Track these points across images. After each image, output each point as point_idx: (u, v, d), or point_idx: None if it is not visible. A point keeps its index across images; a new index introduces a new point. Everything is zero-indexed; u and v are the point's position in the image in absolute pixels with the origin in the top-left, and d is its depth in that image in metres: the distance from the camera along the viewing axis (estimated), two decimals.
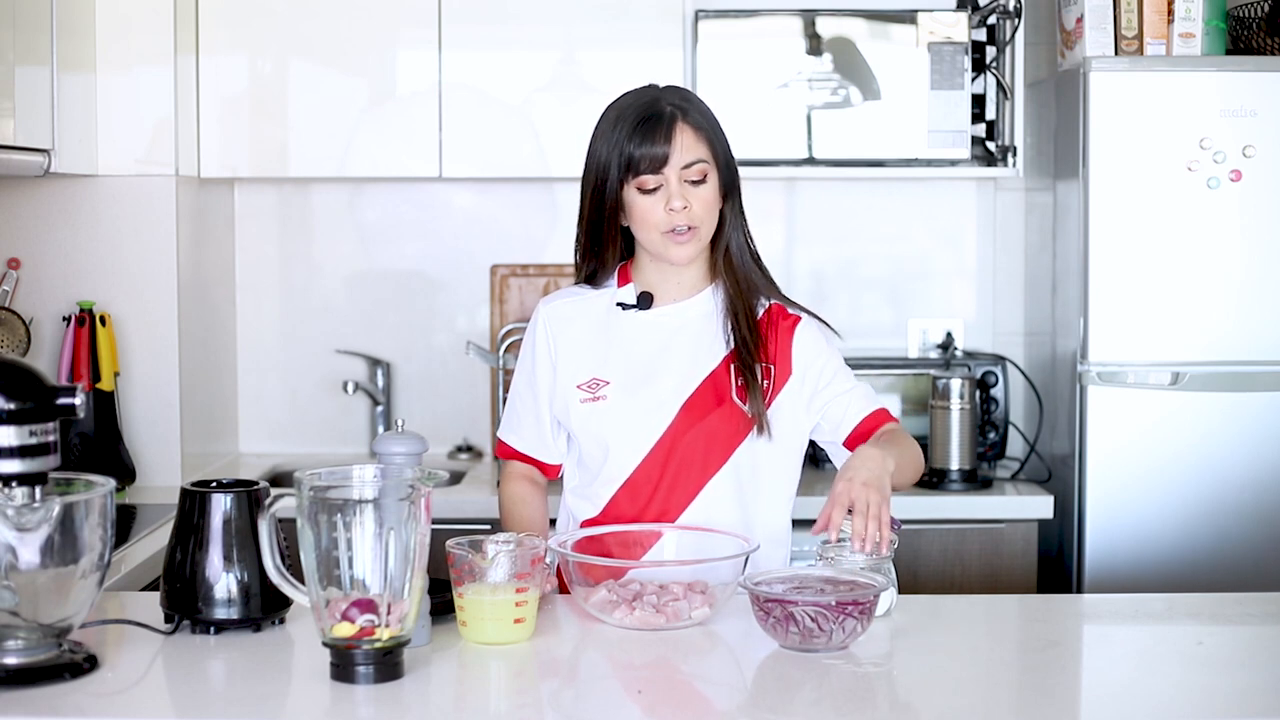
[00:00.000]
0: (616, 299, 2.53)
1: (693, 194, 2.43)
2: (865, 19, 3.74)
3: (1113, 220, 3.47)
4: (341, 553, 1.93)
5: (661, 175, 2.42)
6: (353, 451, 4.07)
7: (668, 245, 2.45)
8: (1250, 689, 2.01)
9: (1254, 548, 3.47)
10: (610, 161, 2.43)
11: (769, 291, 2.54)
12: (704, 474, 2.47)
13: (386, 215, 4.10)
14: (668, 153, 2.41)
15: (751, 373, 2.46)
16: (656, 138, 2.41)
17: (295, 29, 3.74)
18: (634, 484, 2.47)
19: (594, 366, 2.49)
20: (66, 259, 3.53)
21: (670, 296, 2.53)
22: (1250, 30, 3.63)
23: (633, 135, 2.42)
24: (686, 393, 2.47)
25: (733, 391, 2.47)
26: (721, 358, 2.49)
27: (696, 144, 2.44)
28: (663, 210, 2.42)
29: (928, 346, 4.05)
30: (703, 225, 2.45)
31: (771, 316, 2.53)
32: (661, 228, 2.43)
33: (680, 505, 2.47)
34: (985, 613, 2.44)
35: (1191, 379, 3.46)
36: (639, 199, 2.44)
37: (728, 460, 2.47)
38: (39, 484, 1.96)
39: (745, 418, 2.47)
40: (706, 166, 2.44)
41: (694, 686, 2.07)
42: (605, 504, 2.49)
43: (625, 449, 2.47)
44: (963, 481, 3.62)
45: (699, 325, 2.51)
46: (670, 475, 2.46)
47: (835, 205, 4.12)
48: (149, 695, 1.98)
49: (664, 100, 2.46)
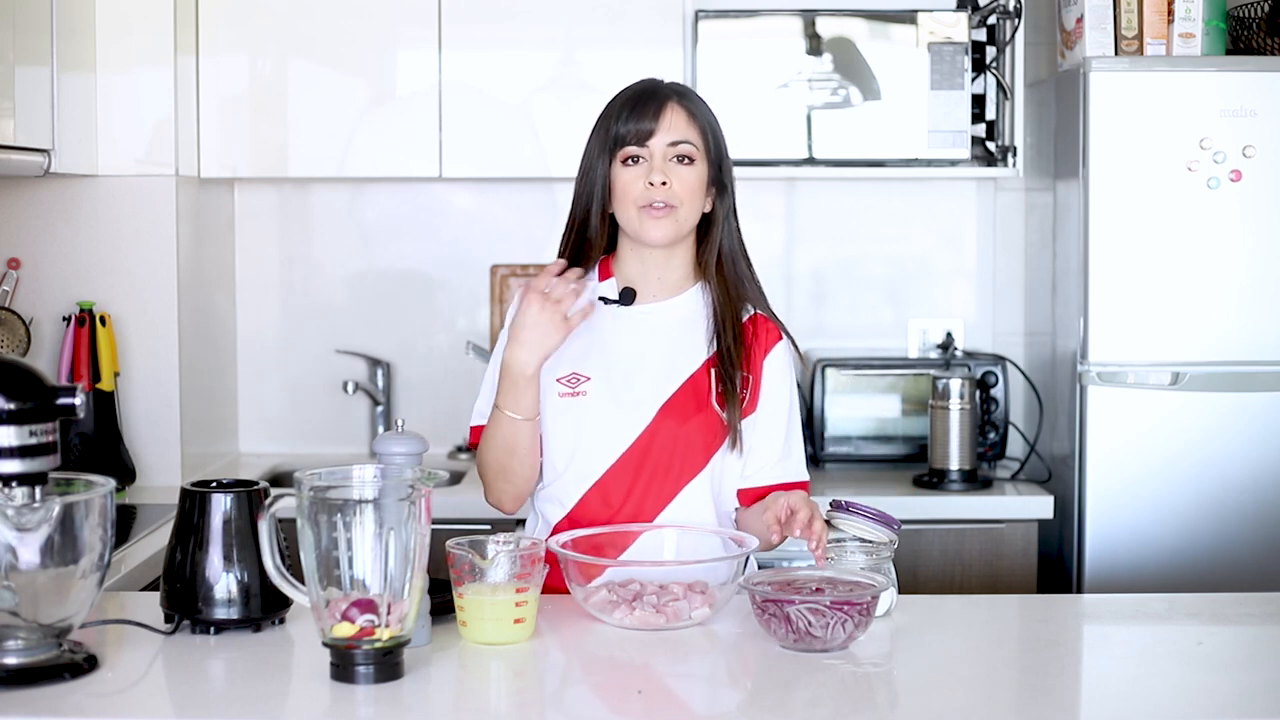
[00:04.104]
0: (599, 293, 2.50)
1: (675, 172, 2.41)
2: (865, 19, 3.74)
3: (1113, 220, 3.47)
4: (341, 553, 1.93)
5: (646, 148, 2.41)
6: (353, 451, 4.07)
7: (644, 221, 2.42)
8: (1250, 689, 2.01)
9: (1254, 548, 3.47)
10: (600, 141, 2.44)
11: (756, 302, 2.52)
12: (680, 479, 2.44)
13: (386, 215, 4.10)
14: (653, 128, 2.41)
15: (732, 382, 2.44)
16: (645, 114, 2.41)
17: (295, 29, 3.74)
18: (605, 485, 2.43)
19: (574, 361, 2.46)
20: (66, 259, 3.53)
21: (652, 293, 2.50)
22: (1250, 30, 3.63)
23: (622, 112, 2.43)
24: (666, 394, 2.45)
25: (713, 397, 2.45)
26: (702, 361, 2.47)
27: (688, 127, 2.43)
28: (643, 184, 2.41)
29: (928, 346, 4.05)
30: (682, 207, 2.42)
31: (755, 327, 2.51)
32: (640, 201, 2.41)
33: (654, 510, 2.44)
34: (985, 613, 2.44)
35: (1191, 379, 3.46)
36: (621, 173, 2.42)
37: (704, 468, 2.45)
38: (39, 484, 1.95)
39: (723, 425, 2.44)
40: (694, 150, 2.43)
41: (694, 686, 2.07)
42: (574, 504, 2.45)
43: (600, 446, 2.43)
44: (963, 481, 3.62)
45: (682, 326, 2.49)
46: (644, 478, 2.43)
47: (835, 205, 4.12)
48: (149, 695, 1.98)
49: (663, 85, 2.47)
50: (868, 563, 2.32)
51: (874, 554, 2.33)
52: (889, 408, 3.89)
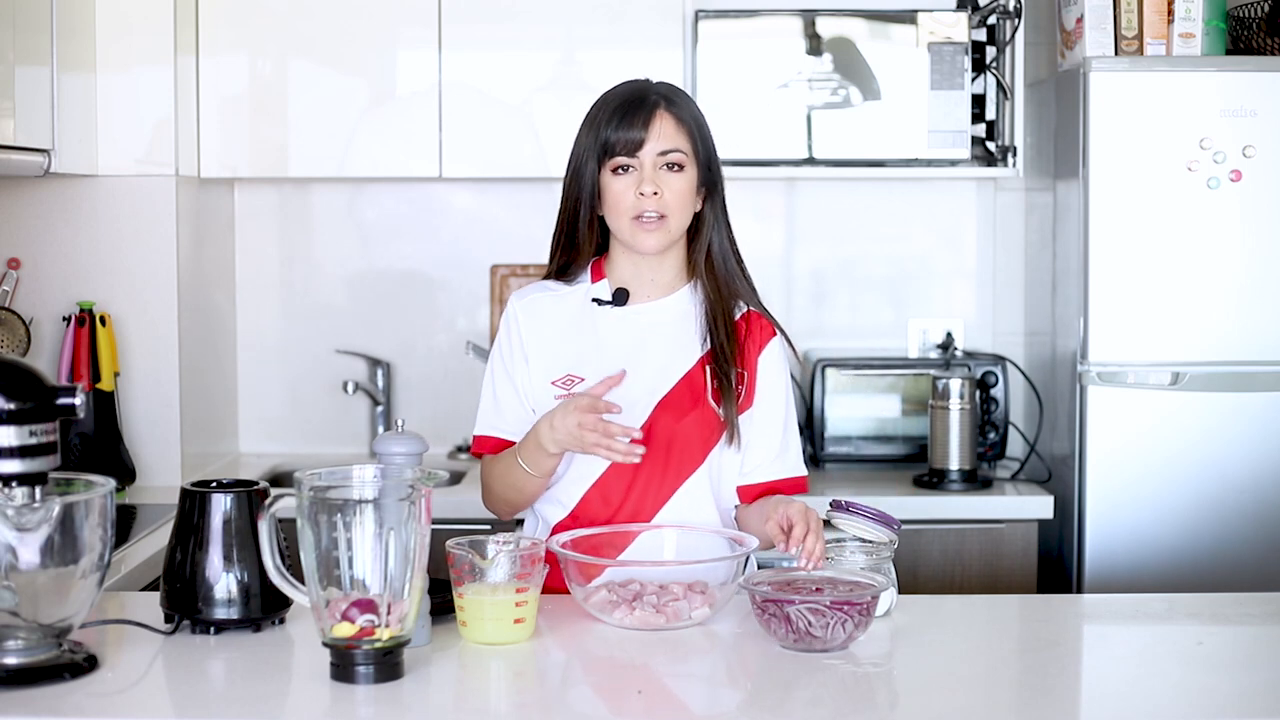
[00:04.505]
0: (591, 294, 2.51)
1: (666, 181, 2.41)
2: (865, 19, 3.74)
3: (1113, 220, 3.47)
4: (341, 553, 1.93)
5: (636, 158, 2.41)
6: (353, 451, 4.07)
7: (636, 232, 2.42)
8: (1250, 689, 2.01)
9: (1254, 548, 3.47)
10: (589, 145, 2.43)
11: (748, 299, 2.53)
12: (679, 476, 2.45)
13: (386, 215, 4.10)
14: (644, 137, 2.41)
15: (727, 378, 2.45)
16: (635, 122, 2.41)
17: (295, 29, 3.74)
18: (605, 484, 2.44)
19: (569, 363, 2.46)
20: (66, 259, 3.53)
21: (645, 294, 2.51)
22: (1250, 30, 3.63)
23: (612, 119, 2.42)
24: (662, 391, 2.45)
25: (708, 393, 2.46)
26: (697, 358, 2.48)
27: (677, 134, 2.43)
28: (633, 194, 2.41)
29: (928, 346, 4.05)
30: (673, 216, 2.43)
31: (749, 324, 2.52)
32: (631, 213, 2.41)
33: (654, 507, 2.44)
34: (985, 613, 2.44)
35: (1191, 379, 3.46)
36: (612, 182, 2.42)
37: (702, 463, 2.45)
38: (39, 484, 1.96)
39: (720, 421, 2.45)
40: (684, 157, 2.43)
41: (694, 686, 2.07)
42: (575, 505, 2.46)
43: None
44: (963, 481, 3.62)
45: (675, 324, 2.50)
46: (644, 476, 2.43)
47: (835, 205, 4.12)
48: (149, 695, 1.98)
49: (651, 90, 2.46)
50: (868, 563, 2.32)
51: (874, 554, 2.33)
52: (889, 408, 3.89)
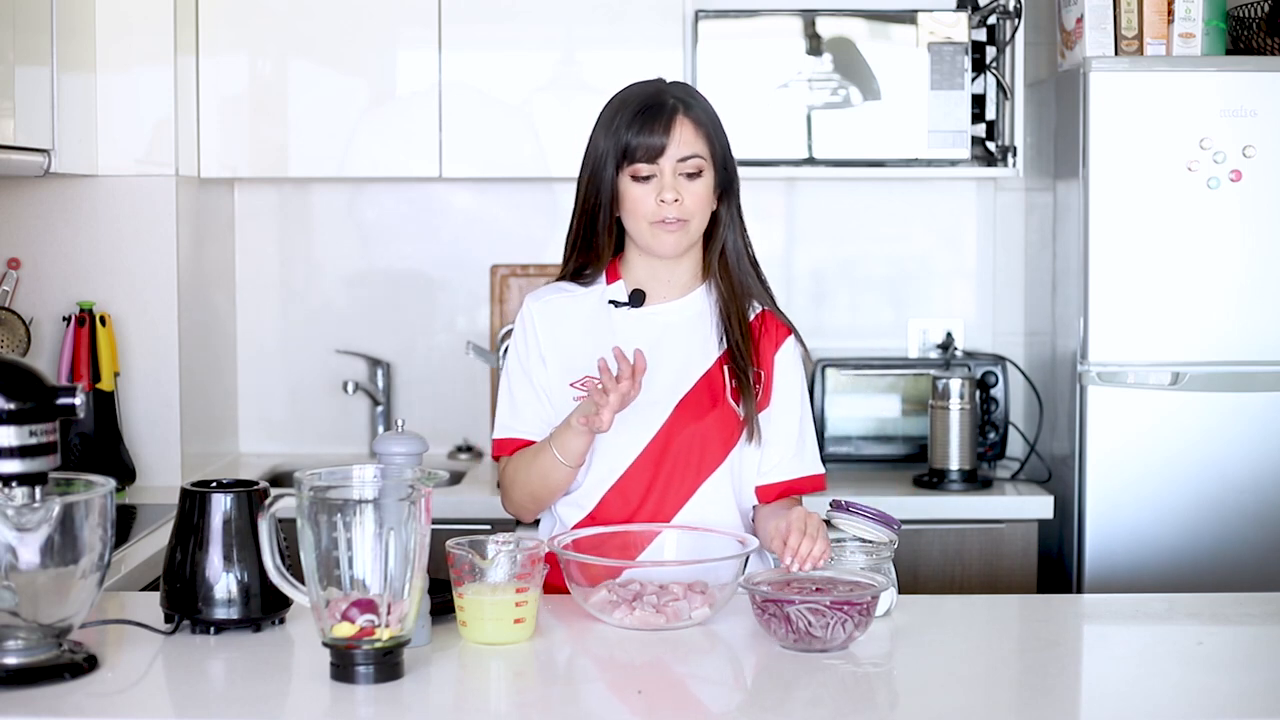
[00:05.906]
0: (608, 296, 2.52)
1: (686, 187, 2.42)
2: (865, 19, 3.74)
3: (1113, 220, 3.47)
4: (341, 553, 1.93)
5: (656, 165, 2.41)
6: (353, 451, 4.07)
7: (655, 235, 2.43)
8: (1250, 689, 2.01)
9: (1254, 548, 3.47)
10: (607, 149, 2.43)
11: (762, 299, 2.54)
12: (699, 476, 2.45)
13: (386, 215, 4.10)
14: (664, 143, 2.41)
15: (745, 375, 2.45)
16: (655, 128, 2.41)
17: (295, 29, 3.74)
18: (624, 485, 2.45)
19: (587, 365, 2.46)
20: (66, 259, 3.53)
21: (661, 295, 2.51)
22: (1250, 30, 3.63)
23: (631, 124, 2.42)
24: (681, 392, 2.46)
25: (727, 393, 2.47)
26: (715, 359, 2.49)
27: (695, 139, 2.43)
28: (654, 201, 2.41)
29: (928, 346, 4.06)
30: (693, 220, 2.44)
31: (764, 323, 2.52)
32: (651, 218, 2.42)
33: (674, 508, 2.44)
34: (985, 613, 2.44)
35: (1191, 379, 3.46)
36: (631, 187, 2.43)
37: (723, 462, 2.46)
38: (39, 484, 1.96)
39: (739, 420, 2.46)
40: (703, 162, 2.43)
41: (694, 686, 2.07)
42: (594, 506, 2.46)
43: (618, 447, 2.44)
44: (963, 481, 3.62)
45: (691, 325, 2.50)
46: (664, 477, 2.44)
47: (835, 205, 4.12)
48: (149, 695, 1.98)
49: (667, 93, 2.46)
50: (868, 563, 2.32)
51: (874, 554, 2.33)
52: (889, 408, 3.89)
